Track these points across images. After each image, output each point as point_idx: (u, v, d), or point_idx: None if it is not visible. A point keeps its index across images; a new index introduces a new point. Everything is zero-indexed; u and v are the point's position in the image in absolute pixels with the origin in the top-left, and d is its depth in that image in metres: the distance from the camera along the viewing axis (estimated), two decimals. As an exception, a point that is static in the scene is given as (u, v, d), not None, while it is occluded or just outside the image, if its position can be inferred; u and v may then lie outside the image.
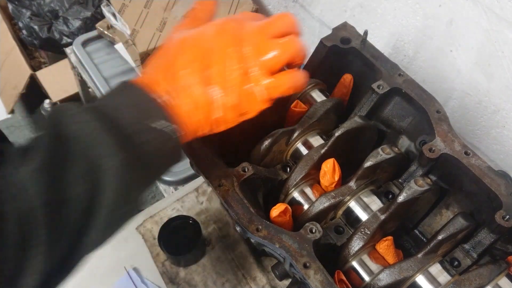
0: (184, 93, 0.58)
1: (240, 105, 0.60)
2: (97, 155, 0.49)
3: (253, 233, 0.66)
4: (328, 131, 0.83)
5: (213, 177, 0.71)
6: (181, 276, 1.06)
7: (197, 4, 0.67)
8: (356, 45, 0.85)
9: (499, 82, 0.97)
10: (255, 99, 0.60)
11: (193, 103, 0.58)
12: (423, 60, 1.12)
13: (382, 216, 0.70)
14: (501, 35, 0.91)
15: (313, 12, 1.41)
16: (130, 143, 0.51)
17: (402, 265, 0.68)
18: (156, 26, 1.48)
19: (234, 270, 1.06)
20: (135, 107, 0.55)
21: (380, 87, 0.80)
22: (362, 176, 0.74)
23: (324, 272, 0.63)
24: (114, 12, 1.54)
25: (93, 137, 0.49)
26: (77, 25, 2.19)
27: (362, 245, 0.70)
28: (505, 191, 0.67)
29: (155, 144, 0.54)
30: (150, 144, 0.54)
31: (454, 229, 0.68)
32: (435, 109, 0.76)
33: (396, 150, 0.74)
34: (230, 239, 1.10)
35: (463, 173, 0.72)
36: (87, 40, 1.77)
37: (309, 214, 0.73)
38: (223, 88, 0.58)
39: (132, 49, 1.48)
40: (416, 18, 1.07)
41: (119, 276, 1.06)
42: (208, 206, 1.15)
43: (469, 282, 0.65)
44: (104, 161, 0.49)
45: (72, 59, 1.81)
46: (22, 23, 2.27)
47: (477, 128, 1.08)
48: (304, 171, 0.75)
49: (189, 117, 0.58)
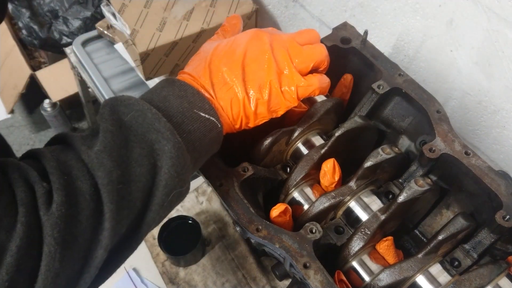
0: (223, 88, 0.63)
1: (271, 102, 0.65)
2: (154, 139, 0.54)
3: (253, 233, 0.66)
4: (328, 131, 0.83)
5: (213, 177, 0.71)
6: (181, 276, 1.06)
7: (226, 22, 0.75)
8: (356, 45, 0.85)
9: (499, 82, 0.96)
10: (285, 98, 0.65)
11: (230, 98, 0.63)
12: (423, 60, 1.12)
13: (382, 216, 0.70)
14: (501, 35, 0.90)
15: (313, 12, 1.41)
16: (180, 130, 0.57)
17: (402, 265, 0.68)
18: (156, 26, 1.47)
19: (234, 270, 1.06)
20: (182, 98, 0.60)
21: (380, 87, 0.80)
22: (362, 176, 0.74)
23: (324, 272, 0.62)
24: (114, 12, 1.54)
25: (150, 124, 0.54)
26: (77, 25, 2.19)
27: (362, 245, 0.70)
28: (505, 191, 0.67)
29: (202, 131, 0.60)
30: (197, 131, 0.59)
31: (454, 229, 0.68)
32: (435, 109, 0.76)
33: (396, 150, 0.74)
34: (230, 239, 1.10)
35: (463, 173, 0.72)
36: (87, 40, 1.77)
37: (309, 214, 0.73)
38: (257, 86, 0.64)
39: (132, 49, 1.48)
40: (416, 18, 1.07)
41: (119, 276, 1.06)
42: (208, 206, 1.15)
43: (469, 282, 0.65)
44: (160, 145, 0.54)
45: (72, 59, 1.80)
46: (22, 23, 2.27)
47: (477, 128, 1.08)
48: (304, 171, 0.75)
49: (226, 110, 0.63)
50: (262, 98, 0.64)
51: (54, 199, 0.47)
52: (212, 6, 1.55)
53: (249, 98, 0.64)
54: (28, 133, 2.50)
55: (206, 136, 0.60)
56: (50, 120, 2.30)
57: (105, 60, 1.73)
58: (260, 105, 0.64)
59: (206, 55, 0.66)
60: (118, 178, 0.51)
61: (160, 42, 1.45)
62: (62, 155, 0.52)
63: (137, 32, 1.46)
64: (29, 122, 2.54)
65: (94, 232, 0.50)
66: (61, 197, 0.47)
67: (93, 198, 0.49)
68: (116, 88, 1.68)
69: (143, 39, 1.45)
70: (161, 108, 0.57)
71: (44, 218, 0.46)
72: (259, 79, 0.64)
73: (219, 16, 1.53)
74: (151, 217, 0.55)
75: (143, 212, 0.54)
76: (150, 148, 0.54)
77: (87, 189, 0.49)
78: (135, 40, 1.45)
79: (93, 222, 0.49)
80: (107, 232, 0.50)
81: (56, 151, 0.53)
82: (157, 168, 0.54)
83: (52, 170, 0.49)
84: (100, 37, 1.76)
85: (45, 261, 0.46)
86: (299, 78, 0.65)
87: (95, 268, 0.51)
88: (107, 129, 0.53)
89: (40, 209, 0.46)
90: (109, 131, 0.53)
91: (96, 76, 1.69)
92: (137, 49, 1.43)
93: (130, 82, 1.71)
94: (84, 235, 0.49)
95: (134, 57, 1.49)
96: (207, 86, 0.63)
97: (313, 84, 0.66)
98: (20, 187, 0.47)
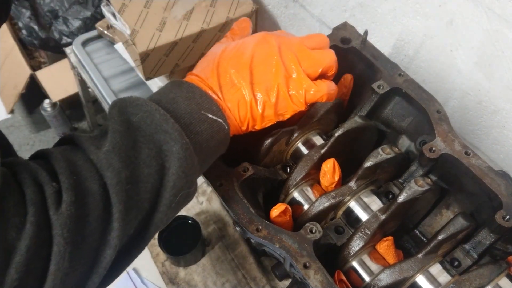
0: (231, 90, 0.63)
1: (278, 105, 0.65)
2: (162, 140, 0.54)
3: (253, 233, 0.66)
4: (328, 131, 0.83)
5: (213, 177, 0.71)
6: (181, 276, 1.06)
7: (235, 25, 0.75)
8: (356, 45, 0.85)
9: (499, 82, 0.96)
10: (293, 101, 0.65)
11: (237, 100, 0.63)
12: (423, 60, 1.12)
13: (382, 216, 0.70)
14: (501, 35, 0.90)
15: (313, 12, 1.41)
16: (188, 131, 0.57)
17: (402, 265, 0.68)
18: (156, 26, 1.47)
19: (234, 270, 1.06)
20: (190, 99, 0.60)
21: (380, 87, 0.80)
22: (362, 176, 0.74)
23: (324, 272, 0.62)
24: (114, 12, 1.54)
25: (158, 125, 0.54)
26: (77, 25, 2.19)
27: (362, 245, 0.70)
28: (505, 191, 0.67)
29: (209, 132, 0.60)
30: (204, 132, 0.59)
31: (454, 229, 0.68)
32: (435, 109, 0.76)
33: (396, 150, 0.74)
34: (230, 239, 1.10)
35: (463, 173, 0.72)
36: (87, 40, 1.77)
37: (309, 214, 0.73)
38: (265, 89, 0.64)
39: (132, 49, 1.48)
40: (416, 18, 1.07)
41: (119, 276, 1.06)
42: (208, 206, 1.15)
43: (469, 282, 0.65)
44: (168, 146, 0.54)
45: (72, 59, 1.80)
46: (22, 23, 2.27)
47: (477, 128, 1.08)
48: (304, 171, 0.75)
49: (233, 112, 0.64)
50: (270, 101, 0.64)
51: (63, 199, 0.47)
52: (212, 6, 1.55)
53: (256, 101, 0.64)
54: (28, 133, 2.50)
55: (214, 138, 0.60)
56: (50, 120, 2.31)
57: (105, 60, 1.73)
58: (267, 108, 0.64)
59: (214, 57, 0.66)
60: (126, 178, 0.51)
61: (160, 42, 1.45)
62: (71, 155, 0.52)
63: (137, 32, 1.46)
64: (29, 122, 2.54)
65: (103, 232, 0.50)
66: (70, 197, 0.47)
67: (102, 198, 0.49)
68: (116, 88, 1.68)
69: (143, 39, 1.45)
70: (169, 109, 0.57)
71: (53, 218, 0.46)
72: (267, 82, 0.64)
73: (219, 16, 1.53)
74: (159, 217, 0.55)
75: (151, 213, 0.55)
76: (158, 149, 0.54)
77: (96, 189, 0.49)
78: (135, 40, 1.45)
79: (102, 222, 0.49)
80: (116, 232, 0.50)
81: (65, 151, 0.53)
82: (165, 169, 0.54)
83: (62, 170, 0.49)
84: (100, 37, 1.76)
85: (54, 260, 0.46)
86: (309, 82, 0.64)
87: (103, 268, 0.51)
88: (115, 130, 0.53)
89: (49, 209, 0.46)
90: (117, 131, 0.53)
91: (96, 76, 1.69)
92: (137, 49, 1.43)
93: (130, 82, 1.71)
94: (93, 235, 0.49)
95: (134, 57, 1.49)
96: (214, 88, 0.63)
97: (321, 90, 0.65)
98: (30, 187, 0.47)
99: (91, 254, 0.50)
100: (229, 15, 1.54)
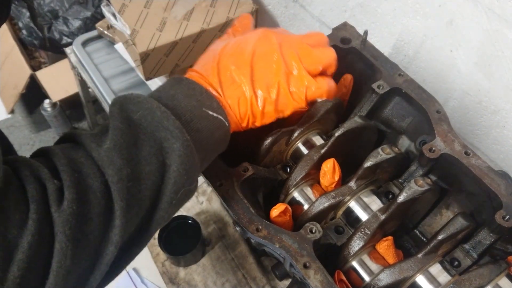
0: (231, 87, 0.63)
1: (279, 102, 0.65)
2: (163, 137, 0.54)
3: (253, 233, 0.66)
4: (328, 131, 0.83)
5: (213, 177, 0.71)
6: (181, 276, 1.06)
7: (237, 21, 0.75)
8: (356, 45, 0.85)
9: (499, 82, 0.97)
10: (294, 98, 0.65)
11: (238, 97, 0.63)
12: (423, 60, 1.12)
13: (382, 216, 0.70)
14: (501, 35, 0.91)
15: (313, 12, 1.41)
16: (189, 128, 0.57)
17: (402, 265, 0.68)
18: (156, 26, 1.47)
19: (234, 270, 1.06)
20: (191, 96, 0.60)
21: (380, 87, 0.80)
22: (362, 176, 0.74)
23: (324, 272, 0.62)
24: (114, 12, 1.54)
25: (158, 122, 0.54)
26: (77, 25, 2.19)
27: (362, 245, 0.70)
28: (505, 191, 0.67)
29: (210, 129, 0.60)
30: (205, 129, 0.59)
31: (454, 229, 0.68)
32: (435, 109, 0.76)
33: (396, 150, 0.74)
34: (230, 239, 1.10)
35: (463, 173, 0.72)
36: (87, 40, 1.77)
37: (309, 214, 0.73)
38: (265, 86, 0.64)
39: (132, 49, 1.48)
40: (416, 18, 1.07)
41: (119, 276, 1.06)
42: (208, 206, 1.15)
43: (469, 282, 0.65)
44: (169, 144, 0.54)
45: (72, 59, 1.80)
46: (22, 23, 2.27)
47: (477, 128, 1.08)
48: (304, 171, 0.75)
49: (234, 109, 0.63)
50: (270, 97, 0.64)
51: (65, 196, 0.47)
52: (212, 6, 1.55)
53: (256, 97, 0.63)
54: (28, 133, 2.50)
55: (214, 135, 0.61)
56: (50, 120, 2.31)
57: (105, 60, 1.74)
58: (267, 105, 0.64)
59: (214, 54, 0.66)
60: (128, 176, 0.51)
61: (160, 42, 1.45)
62: (72, 153, 0.52)
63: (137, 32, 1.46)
64: (29, 122, 2.54)
65: (104, 229, 0.50)
66: (72, 194, 0.47)
67: (104, 196, 0.50)
68: (116, 88, 1.69)
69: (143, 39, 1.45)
70: (170, 106, 0.57)
71: (55, 215, 0.46)
72: (267, 79, 0.64)
73: (219, 16, 1.53)
74: (160, 214, 0.55)
75: (152, 210, 0.55)
76: (159, 146, 0.54)
77: (97, 186, 0.49)
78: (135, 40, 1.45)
79: (103, 219, 0.50)
80: (117, 229, 0.50)
81: (66, 149, 0.53)
82: (166, 166, 0.54)
83: (63, 168, 0.49)
84: (100, 37, 1.76)
85: (56, 258, 0.46)
86: (310, 79, 0.64)
87: (105, 265, 0.51)
88: (116, 127, 0.53)
89: (51, 206, 0.47)
90: (118, 129, 0.53)
91: (96, 76, 1.69)
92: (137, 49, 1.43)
93: (130, 82, 1.71)
94: (95, 232, 0.49)
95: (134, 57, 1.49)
96: (215, 85, 0.63)
97: (322, 87, 0.65)
98: (31, 184, 0.47)
99: (93, 251, 0.50)
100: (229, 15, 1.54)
